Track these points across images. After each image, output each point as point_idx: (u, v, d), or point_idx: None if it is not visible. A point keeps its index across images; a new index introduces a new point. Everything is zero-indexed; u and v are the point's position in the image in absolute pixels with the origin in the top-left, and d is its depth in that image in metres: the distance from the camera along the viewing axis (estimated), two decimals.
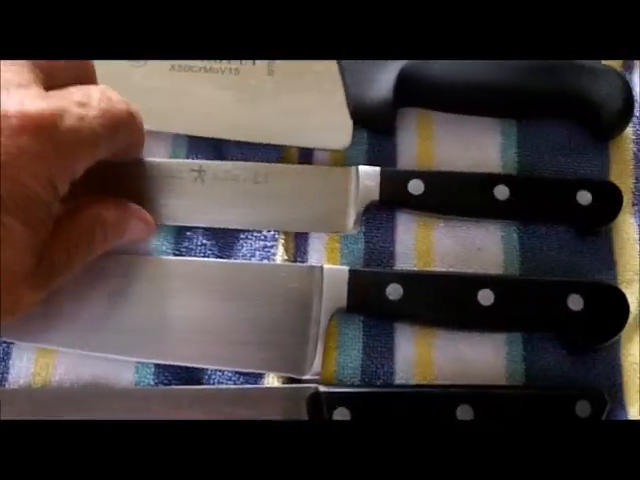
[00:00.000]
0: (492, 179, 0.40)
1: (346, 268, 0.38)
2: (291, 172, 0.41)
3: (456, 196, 0.40)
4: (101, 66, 0.41)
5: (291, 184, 0.40)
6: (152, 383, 0.37)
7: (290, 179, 0.40)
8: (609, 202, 0.40)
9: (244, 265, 0.39)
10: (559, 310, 0.38)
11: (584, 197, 0.40)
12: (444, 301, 0.38)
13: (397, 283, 0.38)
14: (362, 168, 0.40)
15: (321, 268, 0.38)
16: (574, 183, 0.40)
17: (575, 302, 0.38)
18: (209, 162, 0.41)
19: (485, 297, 0.38)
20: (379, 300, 0.38)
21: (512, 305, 0.38)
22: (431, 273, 0.40)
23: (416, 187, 0.40)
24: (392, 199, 0.40)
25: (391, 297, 0.38)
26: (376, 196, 0.40)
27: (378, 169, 0.40)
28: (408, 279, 0.38)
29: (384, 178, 0.40)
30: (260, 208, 0.40)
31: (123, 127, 0.35)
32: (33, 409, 0.37)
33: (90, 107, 0.32)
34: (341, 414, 0.36)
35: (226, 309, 0.38)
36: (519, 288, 0.39)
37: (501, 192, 0.40)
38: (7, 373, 0.38)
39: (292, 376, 0.38)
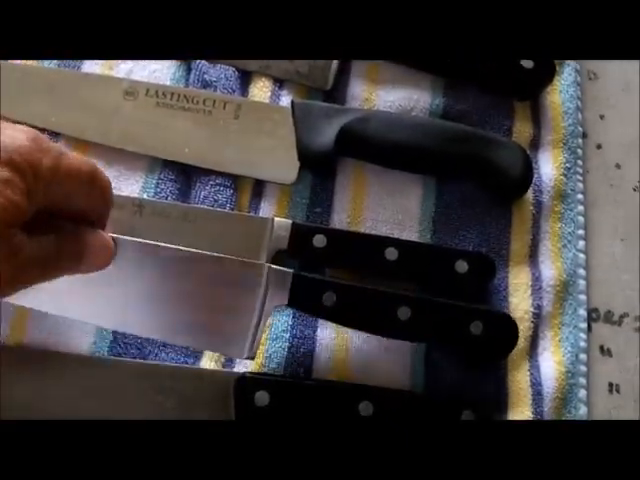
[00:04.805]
0: (384, 242, 0.47)
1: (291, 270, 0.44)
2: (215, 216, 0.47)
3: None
4: (95, 95, 0.49)
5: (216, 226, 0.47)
6: (106, 353, 0.44)
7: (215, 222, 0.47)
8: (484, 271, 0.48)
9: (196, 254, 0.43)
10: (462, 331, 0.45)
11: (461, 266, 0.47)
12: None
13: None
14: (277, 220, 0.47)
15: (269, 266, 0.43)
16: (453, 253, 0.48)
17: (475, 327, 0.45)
18: (148, 199, 0.47)
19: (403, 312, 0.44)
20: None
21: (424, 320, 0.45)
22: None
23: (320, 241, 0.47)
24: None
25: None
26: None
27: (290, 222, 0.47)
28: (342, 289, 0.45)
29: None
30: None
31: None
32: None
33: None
34: (262, 398, 0.42)
35: (179, 291, 0.42)
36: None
37: (391, 253, 0.47)
38: None
39: (232, 356, 0.44)
